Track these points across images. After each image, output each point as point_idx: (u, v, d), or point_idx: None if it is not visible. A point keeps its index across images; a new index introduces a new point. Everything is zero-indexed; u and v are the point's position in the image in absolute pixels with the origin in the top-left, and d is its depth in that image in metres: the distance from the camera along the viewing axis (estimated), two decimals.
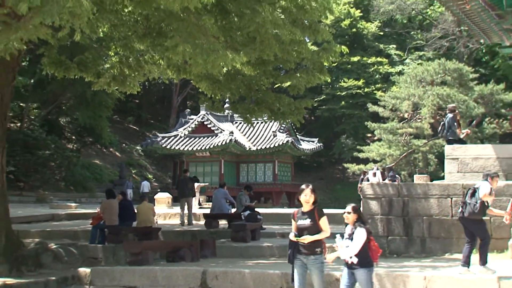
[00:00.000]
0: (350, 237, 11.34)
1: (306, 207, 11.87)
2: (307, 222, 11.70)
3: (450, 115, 25.31)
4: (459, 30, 48.38)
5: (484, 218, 16.40)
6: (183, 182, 31.04)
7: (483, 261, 16.38)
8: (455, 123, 24.62)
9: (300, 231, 11.70)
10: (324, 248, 11.75)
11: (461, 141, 24.61)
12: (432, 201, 20.49)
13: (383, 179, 36.28)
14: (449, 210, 20.23)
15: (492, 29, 27.06)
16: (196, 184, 42.22)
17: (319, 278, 11.77)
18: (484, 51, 57.40)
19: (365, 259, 11.27)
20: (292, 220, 12.14)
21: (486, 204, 16.15)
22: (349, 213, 11.47)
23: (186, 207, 29.58)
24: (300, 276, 11.82)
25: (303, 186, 12.21)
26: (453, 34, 57.81)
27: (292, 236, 11.77)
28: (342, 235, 11.53)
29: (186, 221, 29.38)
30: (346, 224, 11.72)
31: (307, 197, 11.84)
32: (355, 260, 11.23)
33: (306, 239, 11.55)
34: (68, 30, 15.54)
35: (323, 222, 11.68)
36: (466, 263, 16.12)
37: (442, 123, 25.67)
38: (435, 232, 20.28)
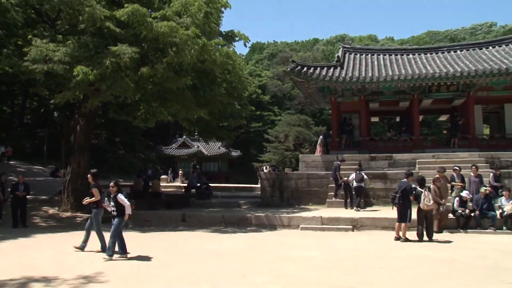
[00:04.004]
0: (113, 200, 10.05)
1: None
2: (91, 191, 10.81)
3: (326, 132, 26.82)
4: (307, 100, 49.33)
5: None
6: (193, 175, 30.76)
7: (357, 205, 17.56)
8: (330, 135, 25.27)
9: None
10: (100, 206, 10.62)
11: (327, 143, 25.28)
12: (293, 181, 20.74)
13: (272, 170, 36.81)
14: (301, 186, 20.50)
15: (320, 101, 27.74)
16: (180, 171, 42.24)
17: (92, 221, 10.76)
18: (318, 110, 58.63)
19: (121, 212, 10.04)
20: None
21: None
22: (112, 187, 10.20)
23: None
24: (90, 221, 10.89)
25: (91, 171, 11.35)
26: (304, 102, 58.86)
27: (85, 200, 10.92)
28: (109, 198, 10.29)
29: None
30: (110, 193, 10.24)
31: (89, 179, 11.08)
32: (115, 213, 10.09)
33: (85, 201, 10.84)
34: (123, 97, 15.82)
35: (95, 192, 10.63)
36: (358, 206, 17.52)
37: (323, 133, 26.44)
38: (294, 196, 20.48)
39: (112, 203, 10.19)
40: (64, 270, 8.63)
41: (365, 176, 18.27)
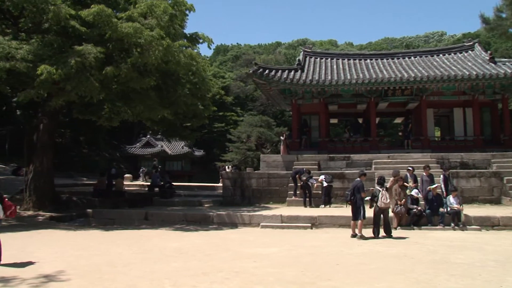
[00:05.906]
0: None
1: None
2: None
3: (289, 133, 26.78)
4: (268, 101, 49.38)
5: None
6: (155, 172, 30.18)
7: (325, 203, 18.33)
8: (290, 136, 25.33)
9: None
10: None
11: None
12: (254, 180, 20.81)
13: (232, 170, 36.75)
14: (262, 185, 20.57)
15: (281, 103, 27.96)
16: (144, 169, 41.57)
17: None
18: (279, 112, 58.62)
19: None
20: None
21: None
22: None
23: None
24: None
25: None
26: (265, 104, 58.85)
27: None
28: None
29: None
30: None
31: None
32: None
33: None
34: (89, 97, 15.50)
35: None
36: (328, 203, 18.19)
37: (285, 136, 26.27)
38: (255, 195, 20.55)
39: None
40: (24, 269, 8.38)
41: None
